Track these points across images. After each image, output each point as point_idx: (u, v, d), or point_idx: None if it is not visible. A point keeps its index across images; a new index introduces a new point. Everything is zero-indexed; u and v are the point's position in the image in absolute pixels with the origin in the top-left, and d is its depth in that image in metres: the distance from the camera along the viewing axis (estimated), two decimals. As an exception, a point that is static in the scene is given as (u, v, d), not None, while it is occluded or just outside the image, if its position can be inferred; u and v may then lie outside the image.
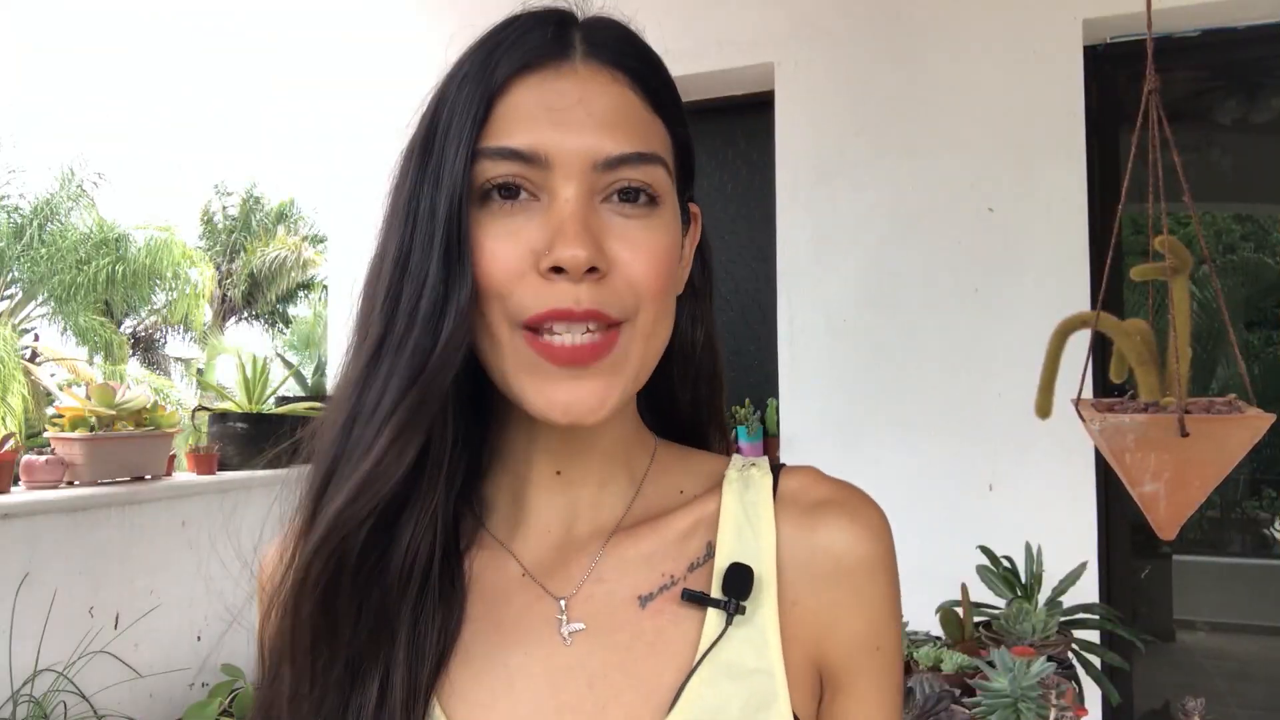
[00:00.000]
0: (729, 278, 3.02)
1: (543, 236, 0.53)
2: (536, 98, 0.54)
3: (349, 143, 3.28)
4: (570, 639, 0.58)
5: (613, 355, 0.54)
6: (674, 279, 0.58)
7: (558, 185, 0.53)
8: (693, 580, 0.59)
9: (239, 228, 21.45)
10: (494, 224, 0.54)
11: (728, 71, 2.85)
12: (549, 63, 0.55)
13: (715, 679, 0.56)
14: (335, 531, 0.53)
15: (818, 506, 0.61)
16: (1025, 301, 2.48)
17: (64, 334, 16.55)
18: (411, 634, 0.55)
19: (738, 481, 0.63)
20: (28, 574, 2.17)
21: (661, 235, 0.56)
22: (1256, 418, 1.13)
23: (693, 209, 0.65)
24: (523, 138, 0.53)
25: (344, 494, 0.53)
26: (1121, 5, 2.40)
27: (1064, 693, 1.37)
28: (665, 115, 0.59)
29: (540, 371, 0.54)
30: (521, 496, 0.62)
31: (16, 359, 13.23)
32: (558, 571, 0.61)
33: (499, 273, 0.53)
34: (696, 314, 0.66)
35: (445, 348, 0.53)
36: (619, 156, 0.54)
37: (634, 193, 0.55)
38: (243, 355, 3.36)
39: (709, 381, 0.68)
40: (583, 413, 0.54)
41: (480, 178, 0.54)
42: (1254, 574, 5.87)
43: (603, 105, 0.55)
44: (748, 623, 0.58)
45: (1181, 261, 1.23)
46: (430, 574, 0.56)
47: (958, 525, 2.45)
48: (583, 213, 0.53)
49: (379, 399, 0.54)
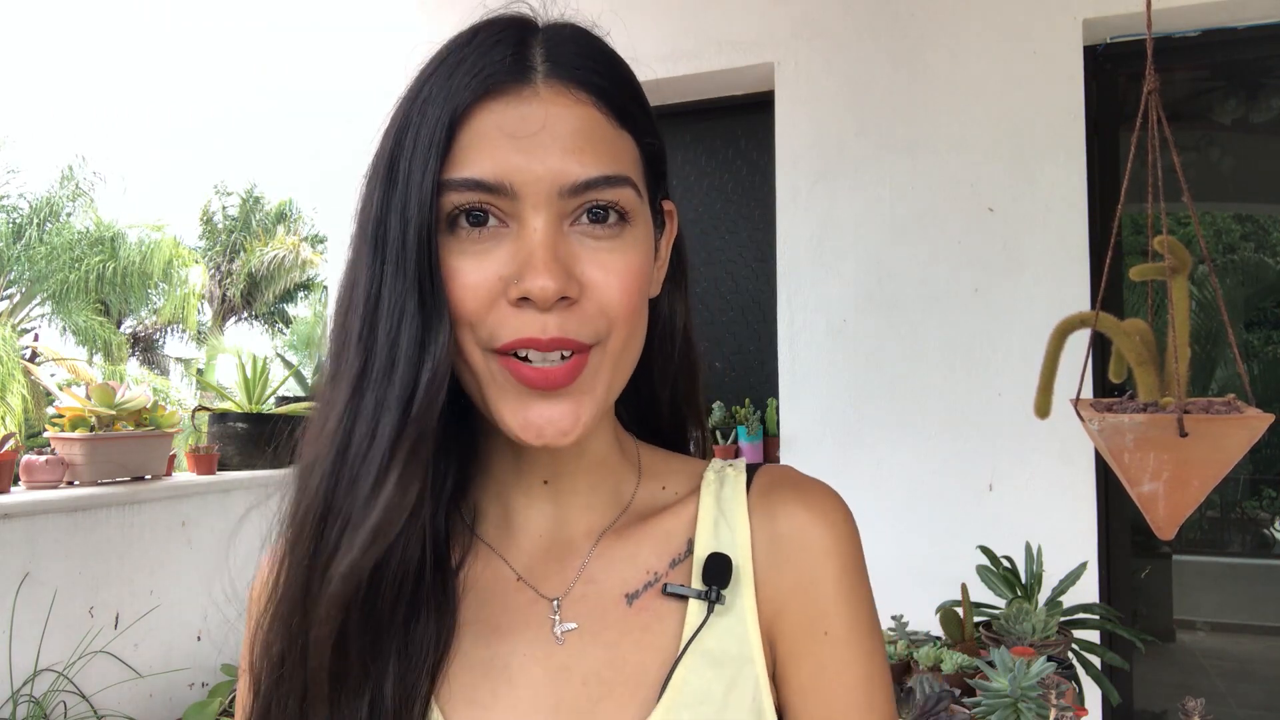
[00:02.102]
0: (729, 278, 3.02)
1: (512, 265, 0.53)
2: (499, 123, 0.54)
3: (349, 143, 3.28)
4: (564, 638, 0.59)
5: (582, 378, 0.55)
6: (644, 296, 0.58)
7: (525, 214, 0.53)
8: (674, 576, 0.61)
9: (239, 228, 21.46)
10: (463, 252, 0.54)
11: (728, 71, 2.85)
12: (510, 86, 0.54)
13: (699, 666, 0.57)
14: (349, 584, 0.53)
15: (778, 493, 0.63)
16: (1025, 301, 2.48)
17: (63, 334, 16.56)
18: (403, 645, 0.56)
19: (714, 481, 0.65)
20: (28, 574, 2.17)
21: (633, 255, 0.56)
22: (1255, 418, 1.13)
23: (667, 207, 0.65)
24: (487, 167, 0.53)
25: (357, 546, 0.53)
26: (1121, 5, 2.40)
27: (1064, 693, 1.37)
28: (632, 127, 0.58)
29: (513, 393, 0.54)
30: (511, 505, 0.63)
31: (16, 359, 13.23)
32: (550, 573, 0.62)
33: (471, 302, 0.53)
34: (674, 308, 0.67)
35: (431, 383, 0.53)
36: (586, 181, 0.53)
37: (603, 212, 0.55)
38: (243, 355, 3.36)
39: (687, 374, 0.69)
40: (555, 435, 0.54)
41: (447, 205, 0.54)
42: (1254, 574, 5.87)
43: (567, 128, 0.54)
44: (728, 612, 0.59)
45: (1181, 261, 1.23)
46: (421, 585, 0.56)
47: (958, 525, 2.45)
48: (551, 241, 0.53)
49: (370, 436, 0.54)
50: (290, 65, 3.83)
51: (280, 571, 0.56)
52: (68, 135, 48.42)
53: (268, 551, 0.63)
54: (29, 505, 2.20)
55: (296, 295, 21.61)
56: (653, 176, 0.61)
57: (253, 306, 21.29)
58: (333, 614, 0.53)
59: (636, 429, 0.70)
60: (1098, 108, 2.55)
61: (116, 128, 54.99)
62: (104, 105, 58.68)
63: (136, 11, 56.91)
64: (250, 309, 21.38)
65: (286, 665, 0.55)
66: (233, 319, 21.48)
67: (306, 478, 0.56)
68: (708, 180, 3.03)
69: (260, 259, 20.41)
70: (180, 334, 20.11)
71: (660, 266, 0.64)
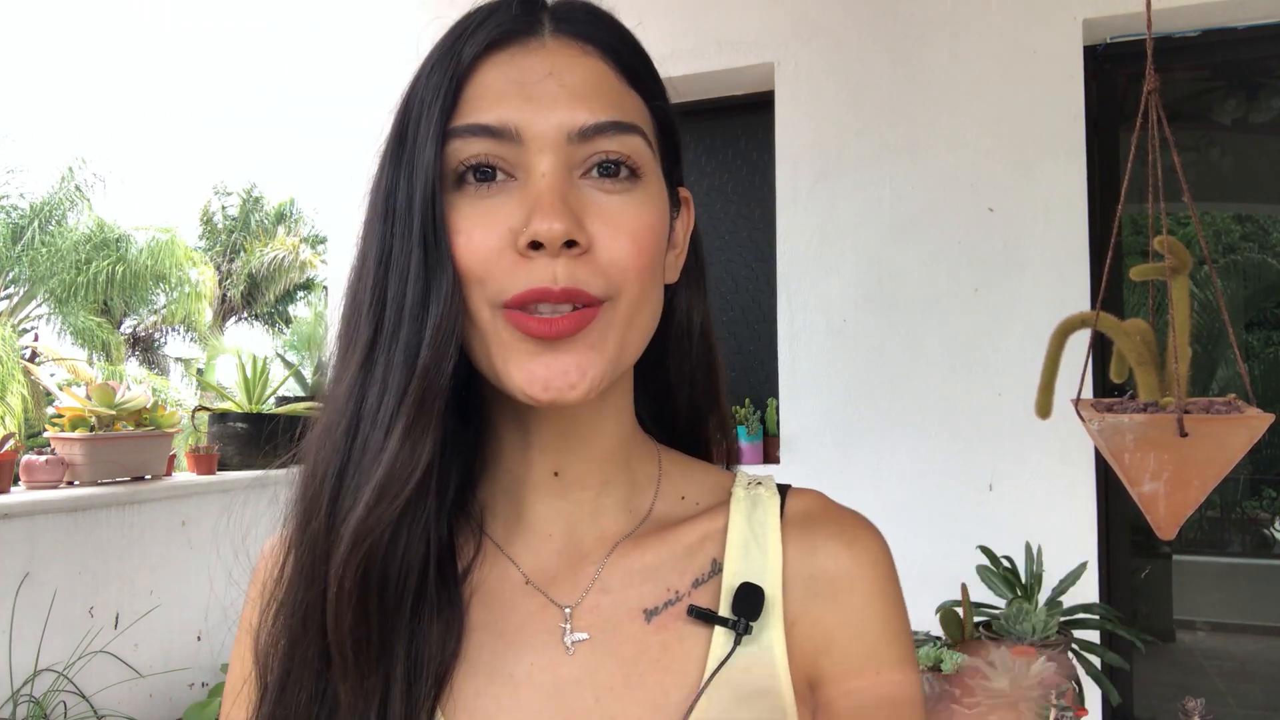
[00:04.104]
0: (729, 278, 3.02)
1: (520, 214, 0.51)
2: (505, 74, 0.53)
3: (348, 142, 3.28)
4: (573, 649, 0.57)
5: (590, 330, 0.52)
6: (658, 258, 0.56)
7: (532, 160, 0.52)
8: (697, 596, 0.58)
9: (239, 228, 21.46)
10: (470, 207, 0.53)
11: (728, 71, 2.85)
12: (517, 39, 0.54)
13: (723, 700, 0.55)
14: (361, 541, 0.51)
15: (819, 529, 0.60)
16: (1025, 301, 2.48)
17: (60, 335, 16.56)
18: (408, 650, 0.54)
19: (745, 500, 0.62)
20: (28, 574, 2.17)
21: (644, 211, 0.54)
22: (1256, 418, 1.13)
23: (683, 194, 0.63)
24: (492, 113, 0.52)
25: (363, 503, 0.52)
26: (1121, 5, 2.40)
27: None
28: (641, 88, 0.57)
29: (519, 348, 0.52)
30: (520, 500, 0.61)
31: (16, 359, 13.23)
32: (561, 579, 0.59)
33: (476, 256, 0.52)
34: (692, 304, 0.65)
35: (435, 336, 0.52)
36: (594, 126, 0.52)
37: (614, 166, 0.53)
38: (243, 355, 3.36)
39: (706, 372, 0.66)
40: (562, 388, 0.52)
41: (453, 160, 0.52)
42: (1254, 574, 5.87)
43: (575, 77, 0.53)
44: (754, 642, 0.57)
45: (1181, 261, 1.23)
46: (425, 588, 0.54)
47: (958, 525, 2.45)
48: (560, 186, 0.51)
49: (380, 399, 0.53)
50: (290, 65, 3.83)
51: (287, 561, 0.55)
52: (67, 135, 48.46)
53: (268, 543, 0.63)
54: (29, 505, 2.20)
55: (296, 295, 21.62)
56: (666, 144, 0.59)
57: (253, 307, 21.29)
58: (347, 576, 0.51)
59: (655, 428, 0.67)
60: (1098, 108, 2.55)
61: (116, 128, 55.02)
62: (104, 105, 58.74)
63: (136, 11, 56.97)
64: (250, 309, 21.39)
65: (297, 662, 0.54)
66: (233, 319, 21.49)
67: (319, 448, 0.55)
68: (708, 180, 3.04)
69: (260, 259, 20.41)
70: (181, 334, 20.12)
71: (679, 255, 0.62)
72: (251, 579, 0.64)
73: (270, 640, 0.55)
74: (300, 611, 0.54)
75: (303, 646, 0.54)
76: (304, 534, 0.55)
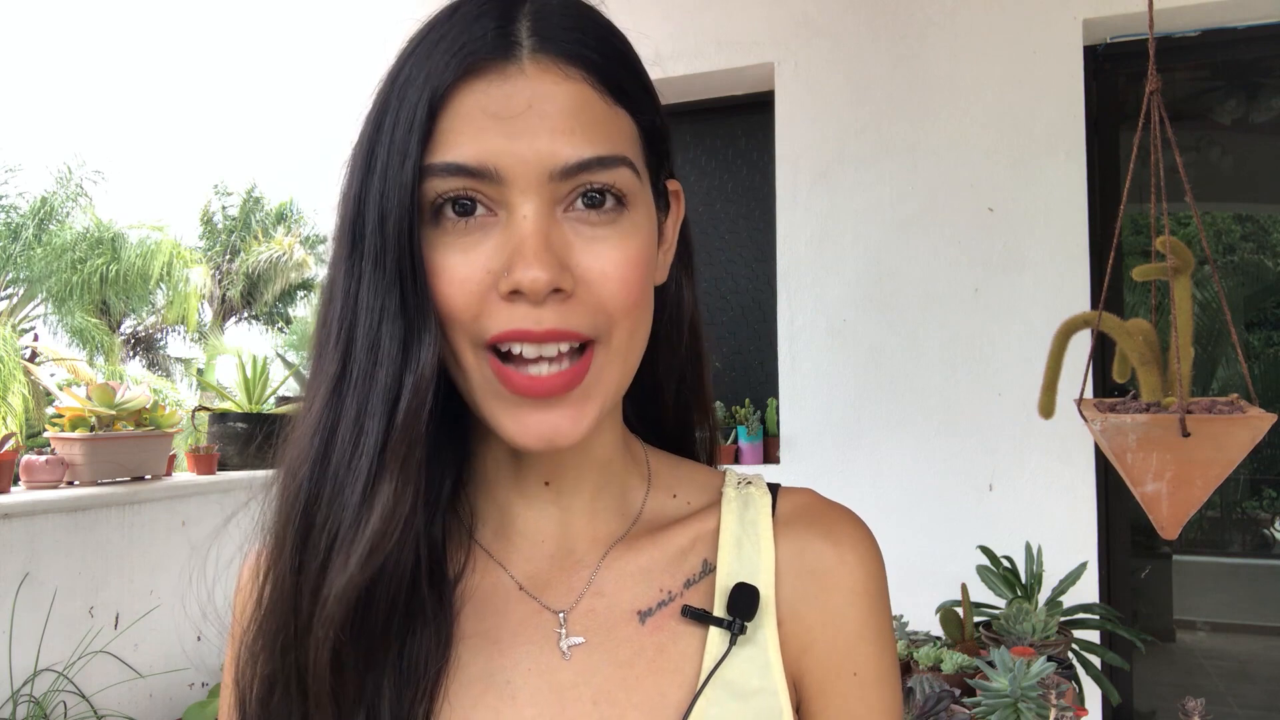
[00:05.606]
0: (729, 277, 3.01)
1: (500, 256, 0.49)
2: (482, 105, 0.50)
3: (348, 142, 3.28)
4: (569, 653, 0.56)
5: (585, 383, 0.51)
6: (648, 287, 0.54)
7: (514, 200, 0.49)
8: (690, 597, 0.58)
9: (239, 228, 21.46)
10: (449, 245, 0.50)
11: (728, 71, 2.85)
12: (494, 64, 0.50)
13: (721, 699, 0.55)
14: (344, 605, 0.50)
15: (808, 526, 0.60)
16: (1025, 301, 2.48)
17: (55, 334, 16.55)
18: (398, 661, 0.53)
19: (736, 500, 0.62)
20: (28, 574, 2.17)
21: (632, 243, 0.52)
22: (1258, 418, 1.13)
23: (672, 186, 0.60)
24: (470, 151, 0.49)
25: (352, 566, 0.50)
26: (1121, 5, 2.40)
27: (1064, 693, 1.37)
28: (629, 105, 0.53)
29: (510, 399, 0.51)
30: (511, 508, 0.60)
31: (16, 359, 13.23)
32: (555, 584, 0.59)
33: (459, 298, 0.50)
34: (681, 295, 0.63)
35: (417, 387, 0.50)
36: (578, 163, 0.49)
37: (599, 196, 0.51)
38: (243, 355, 3.35)
39: (694, 366, 0.65)
40: (555, 439, 0.51)
41: (430, 192, 0.50)
42: (1254, 574, 5.87)
43: (556, 107, 0.50)
44: (749, 642, 0.57)
45: (1183, 261, 1.23)
46: (416, 597, 0.53)
47: (958, 525, 2.45)
48: (543, 229, 0.49)
49: (354, 444, 0.51)
50: (290, 65, 3.83)
51: (265, 585, 0.53)
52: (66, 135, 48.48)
53: (249, 556, 0.60)
54: (29, 505, 2.20)
55: (296, 295, 21.60)
56: (654, 156, 0.56)
57: (253, 306, 21.28)
58: (329, 636, 0.50)
59: (639, 424, 0.66)
60: (1098, 108, 2.55)
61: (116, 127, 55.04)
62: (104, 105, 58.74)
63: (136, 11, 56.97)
64: (250, 309, 21.38)
65: (277, 689, 0.52)
66: (233, 319, 21.48)
67: (287, 485, 0.53)
68: (708, 180, 3.03)
69: (256, 259, 20.40)
70: (181, 334, 20.12)
71: (667, 251, 0.60)
72: (236, 589, 0.63)
73: (248, 672, 0.54)
74: (277, 654, 0.52)
75: (282, 681, 0.52)
76: (275, 573, 0.53)
